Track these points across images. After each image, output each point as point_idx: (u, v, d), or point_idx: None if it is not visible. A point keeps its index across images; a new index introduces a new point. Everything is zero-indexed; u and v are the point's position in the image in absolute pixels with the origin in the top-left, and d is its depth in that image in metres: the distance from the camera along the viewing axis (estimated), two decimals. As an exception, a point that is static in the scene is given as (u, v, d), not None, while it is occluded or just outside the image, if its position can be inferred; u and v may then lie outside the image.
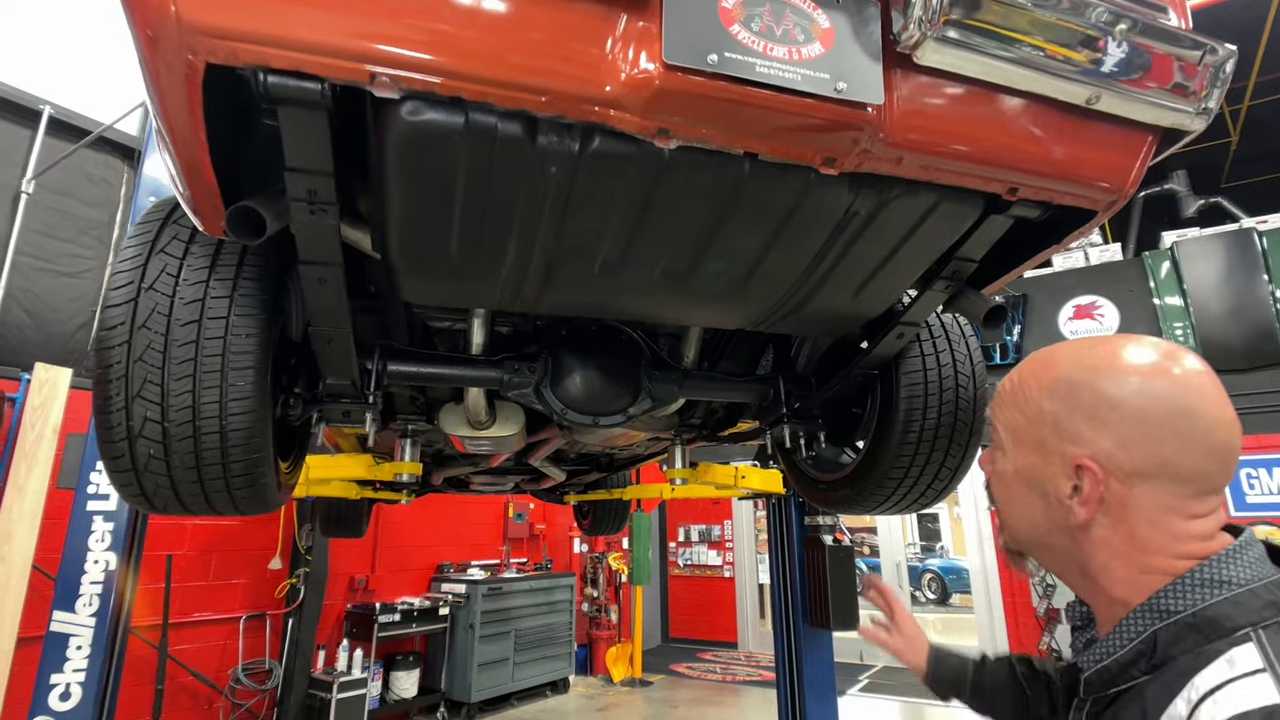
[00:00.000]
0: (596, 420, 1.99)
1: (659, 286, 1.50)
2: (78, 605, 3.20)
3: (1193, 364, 0.78)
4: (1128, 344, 0.81)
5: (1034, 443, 0.83)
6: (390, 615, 6.49)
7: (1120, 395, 0.77)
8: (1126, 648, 0.75)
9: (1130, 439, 0.75)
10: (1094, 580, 0.81)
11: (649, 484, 4.45)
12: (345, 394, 1.69)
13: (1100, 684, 0.78)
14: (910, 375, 1.98)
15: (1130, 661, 0.74)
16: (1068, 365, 0.83)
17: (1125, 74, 1.21)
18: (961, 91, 1.18)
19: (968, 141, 1.21)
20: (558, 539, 9.43)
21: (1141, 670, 0.73)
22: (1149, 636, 0.73)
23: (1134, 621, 0.75)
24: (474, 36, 0.95)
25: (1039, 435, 0.83)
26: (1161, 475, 0.75)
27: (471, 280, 1.43)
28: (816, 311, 1.68)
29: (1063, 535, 0.82)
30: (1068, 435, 0.79)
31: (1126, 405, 0.76)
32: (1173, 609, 0.73)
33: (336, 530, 4.66)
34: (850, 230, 1.38)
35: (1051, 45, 1.13)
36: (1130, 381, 0.77)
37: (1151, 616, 0.74)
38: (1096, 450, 0.77)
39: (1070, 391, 0.81)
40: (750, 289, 1.54)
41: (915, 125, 1.15)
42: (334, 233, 1.23)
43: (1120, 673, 0.75)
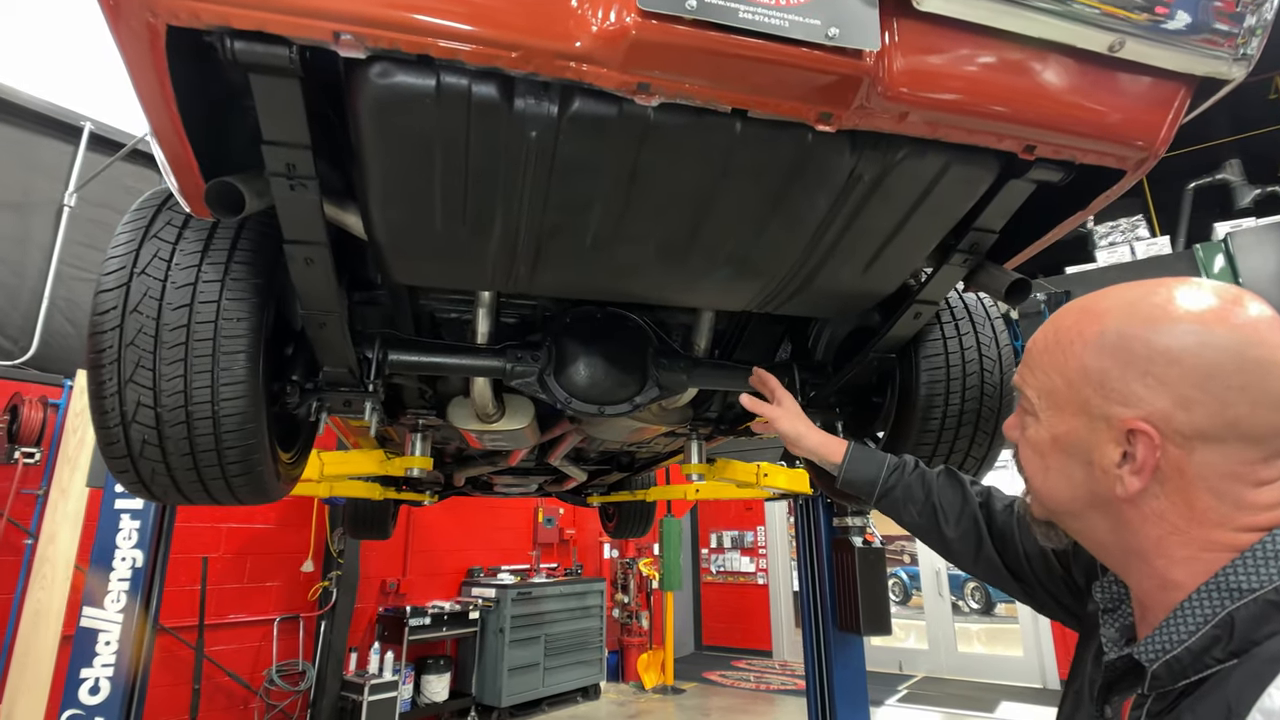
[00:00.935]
0: (602, 409, 1.93)
1: (656, 262, 1.44)
2: (106, 601, 3.28)
3: (1260, 309, 0.68)
4: (1185, 288, 0.71)
5: (1075, 406, 0.73)
6: (421, 619, 6.52)
7: (1180, 347, 0.67)
8: (1199, 633, 0.65)
9: (1191, 397, 0.65)
10: (1143, 559, 0.71)
11: (674, 485, 4.37)
12: (343, 382, 1.67)
13: (1168, 676, 0.67)
14: (930, 360, 1.88)
15: (1204, 649, 0.64)
16: (1117, 315, 0.72)
17: (1150, 17, 1.11)
18: (967, 39, 1.10)
19: (976, 95, 1.12)
20: (588, 544, 9.39)
21: (1217, 657, 0.64)
22: (1225, 619, 0.63)
23: (1200, 603, 0.65)
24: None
25: (1081, 397, 0.72)
26: (1228, 437, 0.65)
27: (460, 259, 1.40)
28: (824, 289, 1.60)
29: (1106, 509, 0.72)
30: (1117, 396, 0.69)
31: (1187, 358, 0.66)
32: (1246, 586, 0.63)
33: (363, 531, 4.69)
34: (855, 197, 1.31)
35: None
36: (1190, 331, 0.67)
37: (1221, 596, 0.64)
38: (1151, 411, 0.67)
39: (1120, 345, 0.70)
40: (752, 264, 1.47)
41: (917, 77, 1.08)
42: (316, 209, 1.20)
43: (1193, 662, 0.65)
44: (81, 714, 3.10)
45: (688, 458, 2.73)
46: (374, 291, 1.97)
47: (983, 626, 13.25)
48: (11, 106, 4.55)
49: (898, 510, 1.31)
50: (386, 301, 1.97)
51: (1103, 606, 0.83)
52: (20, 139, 4.66)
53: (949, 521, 1.22)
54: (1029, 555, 1.10)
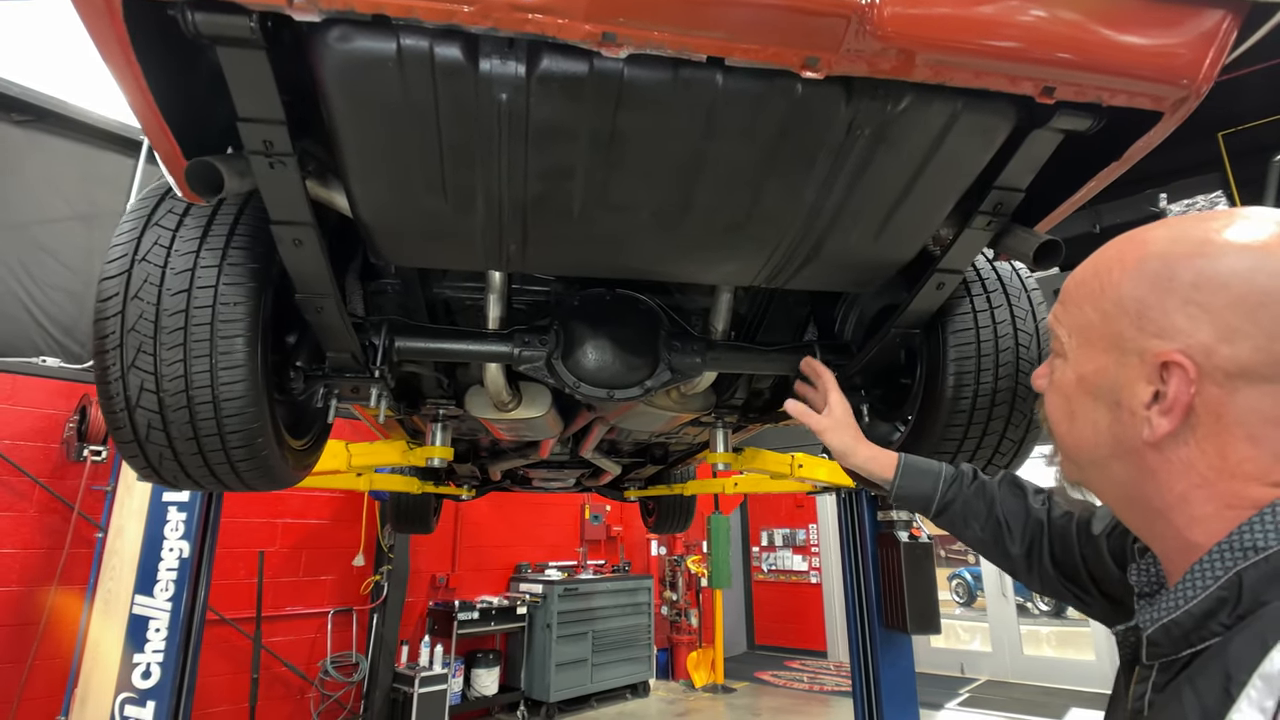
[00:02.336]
0: (611, 394, 1.88)
1: (650, 233, 1.39)
2: (155, 590, 3.45)
3: None
4: (1242, 215, 0.64)
5: (1108, 340, 0.66)
6: (469, 613, 6.62)
7: (1229, 272, 0.59)
8: (1201, 595, 0.57)
9: (1238, 329, 0.58)
10: (1164, 517, 0.63)
11: (710, 479, 4.29)
12: (348, 368, 1.68)
13: (1169, 643, 0.60)
14: (959, 335, 1.76)
15: (1208, 612, 0.57)
16: (1163, 241, 0.65)
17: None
18: (966, -34, 1.00)
19: (980, 30, 1.02)
20: (635, 541, 9.37)
21: (1223, 623, 0.56)
22: (1232, 579, 0.56)
23: (1211, 564, 0.58)
24: (380, -61, 0.88)
25: (1115, 330, 0.65)
26: (1276, 377, 0.57)
27: (447, 237, 1.37)
28: (835, 258, 1.51)
29: (1129, 458, 0.64)
30: (1154, 327, 0.62)
31: (1236, 284, 0.58)
32: (1261, 545, 0.55)
33: (406, 525, 4.78)
34: (856, 153, 1.22)
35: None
36: (1242, 257, 0.59)
37: (1234, 555, 0.56)
38: (1191, 343, 0.59)
39: (1164, 270, 0.63)
40: (753, 231, 1.39)
41: (910, 12, 0.99)
42: (298, 188, 1.19)
43: (1195, 628, 0.58)
44: (135, 697, 3.27)
45: (713, 446, 2.66)
46: (386, 279, 1.98)
47: (1053, 629, 12.64)
48: (76, 124, 4.85)
49: (958, 527, 1.21)
50: (399, 288, 1.97)
51: (1138, 590, 0.74)
52: (84, 153, 4.96)
53: (1014, 537, 1.12)
54: (1087, 560, 1.00)
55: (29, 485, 4.57)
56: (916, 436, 1.86)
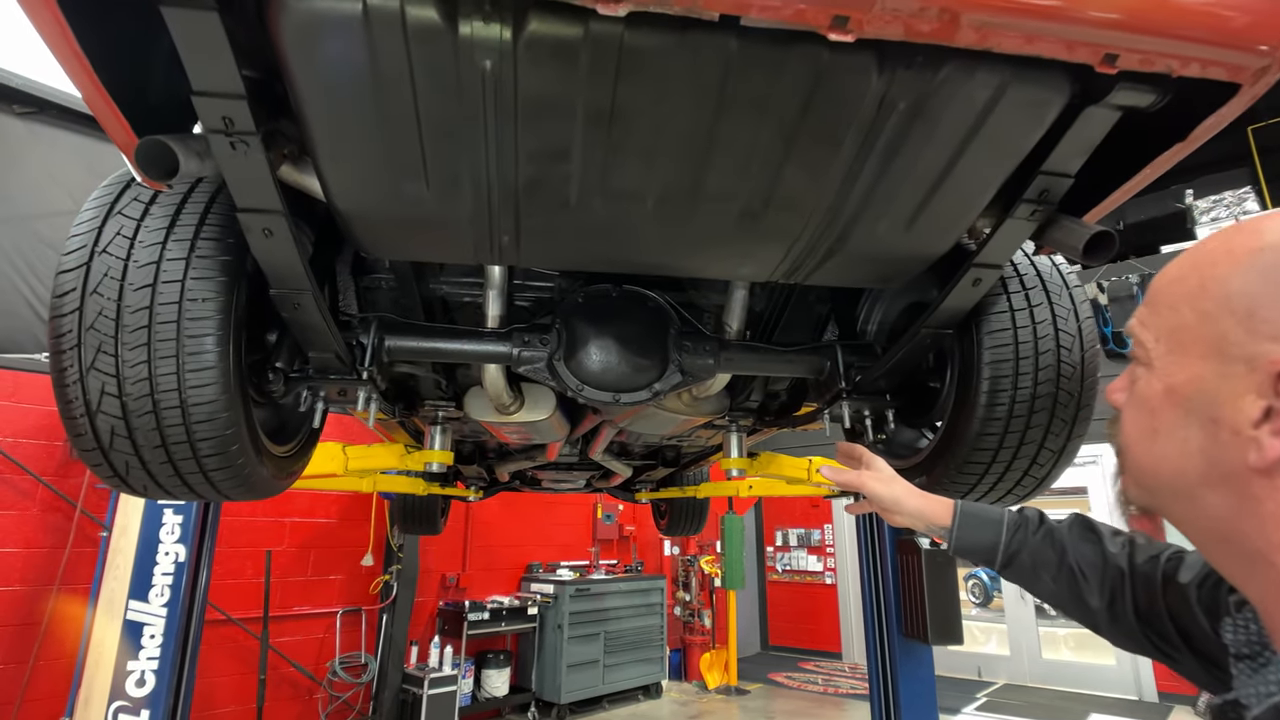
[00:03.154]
0: (617, 397, 1.76)
1: (656, 225, 1.26)
2: (150, 595, 3.36)
3: None
4: None
5: (1206, 344, 0.56)
6: (480, 614, 6.54)
7: None
8: None
9: None
10: (1267, 560, 0.52)
11: (723, 482, 4.16)
12: (333, 369, 1.56)
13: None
14: (995, 336, 1.61)
15: None
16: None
17: None
18: (1021, -92, 0.86)
19: (1034, -16, 0.88)
20: (648, 541, 9.26)
21: None
22: None
23: None
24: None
25: (1217, 332, 0.55)
26: None
27: (431, 227, 1.25)
28: (861, 250, 1.37)
29: (1226, 486, 0.54)
30: (1268, 329, 0.51)
31: None
32: None
33: (413, 526, 4.69)
34: (889, 131, 1.09)
35: None
36: None
37: None
38: None
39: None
40: (770, 221, 1.26)
41: (955, -39, 0.85)
42: (265, 171, 1.08)
43: None
44: (129, 705, 3.19)
45: (726, 451, 2.53)
46: (380, 274, 1.86)
47: (1071, 632, 12.38)
48: (79, 115, 4.78)
49: (1026, 578, 1.07)
50: (393, 284, 1.86)
51: (1234, 651, 0.62)
52: (88, 146, 4.90)
53: (1091, 587, 0.98)
54: (1173, 613, 0.86)
55: (31, 483, 4.52)
56: (947, 445, 1.71)
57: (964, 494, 1.77)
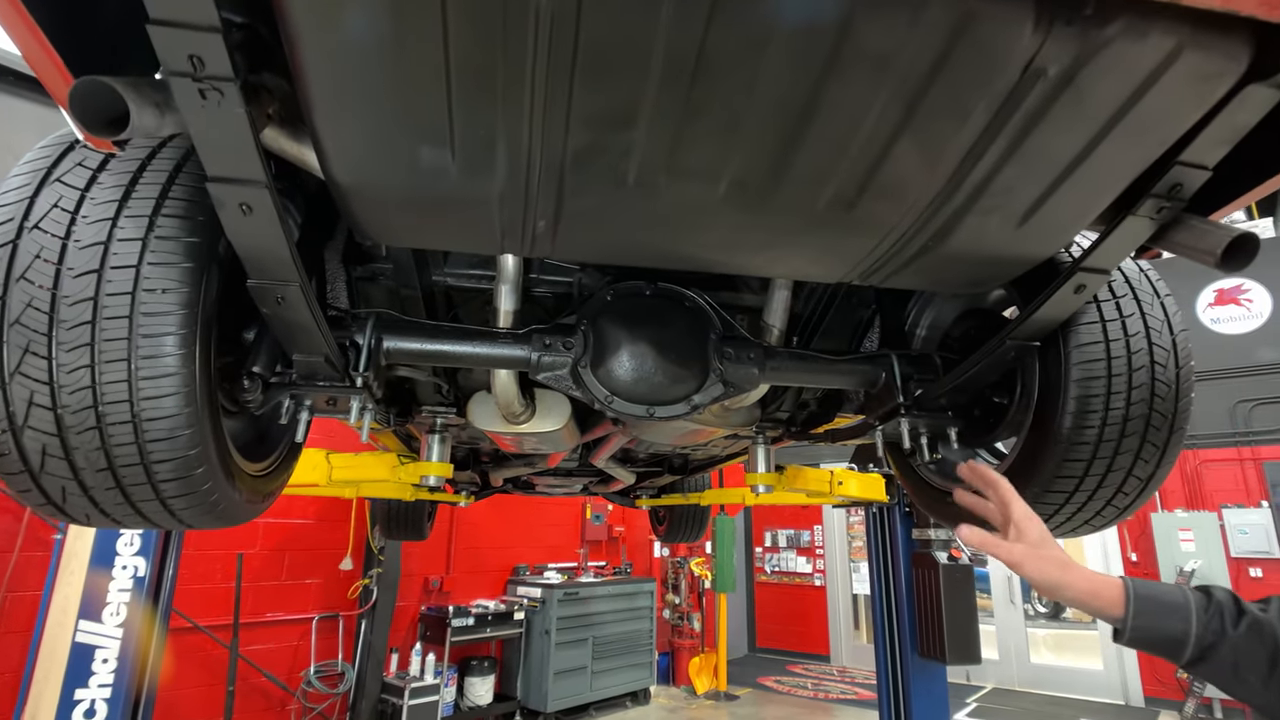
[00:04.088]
0: (651, 411, 1.54)
1: (726, 212, 1.04)
2: (104, 615, 3.04)
3: None
4: None
5: None
6: (464, 619, 6.29)
7: None
8: None
9: None
10: None
11: (730, 488, 3.95)
12: (321, 375, 1.32)
13: None
14: (1085, 350, 1.42)
15: None
16: None
17: None
18: None
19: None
20: (638, 542, 9.06)
21: None
22: None
23: None
24: None
25: None
26: None
27: (452, 207, 1.02)
28: (960, 250, 1.17)
29: None
30: None
31: None
32: None
33: (397, 533, 4.44)
34: (1029, 104, 0.88)
35: None
36: None
37: None
38: None
39: None
40: (864, 212, 1.05)
41: None
42: (243, 128, 0.83)
43: None
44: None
45: (752, 465, 2.32)
46: (376, 263, 1.63)
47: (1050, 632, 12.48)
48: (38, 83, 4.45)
49: (1226, 680, 0.88)
50: (392, 276, 1.63)
51: None
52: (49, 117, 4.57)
53: None
54: None
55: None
56: (1021, 474, 1.52)
57: (1040, 525, 1.57)
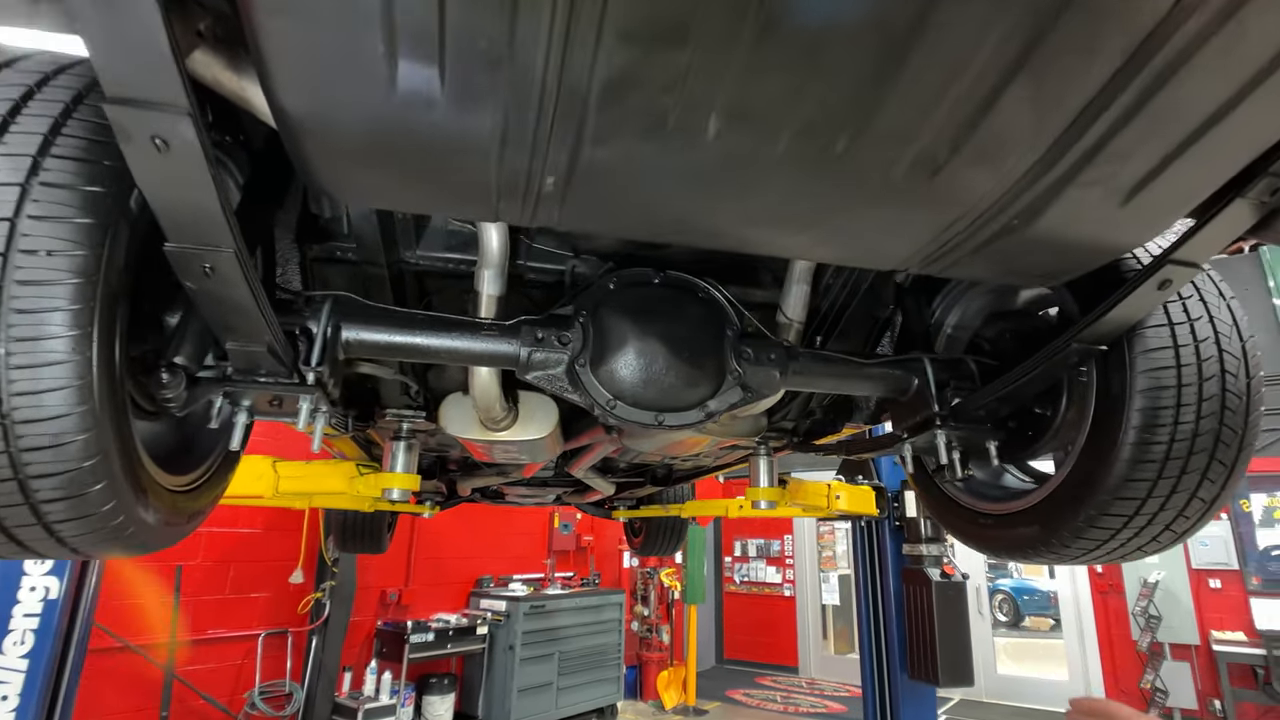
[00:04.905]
0: (660, 419, 1.33)
1: (783, 170, 0.83)
2: (5, 644, 2.62)
3: None
4: None
5: None
6: (423, 634, 5.96)
7: None
8: None
9: None
10: None
11: (712, 500, 3.76)
12: (262, 368, 1.07)
13: None
14: (1153, 356, 1.26)
15: None
16: None
17: None
18: None
19: None
20: (606, 551, 8.81)
21: None
22: None
23: None
24: None
25: None
26: None
27: (436, 152, 0.79)
28: (1047, 232, 0.99)
29: None
30: None
31: None
32: None
33: (354, 545, 4.12)
34: (1176, 42, 0.70)
35: None
36: None
37: None
38: None
39: None
40: (950, 178, 0.85)
41: None
42: (153, 27, 0.60)
43: None
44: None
45: (754, 479, 2.12)
46: (335, 242, 1.38)
47: (1010, 640, 12.64)
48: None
49: None
50: (354, 256, 1.39)
51: None
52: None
53: None
54: None
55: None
56: (1080, 489, 1.34)
57: (1090, 552, 1.41)
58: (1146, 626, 6.78)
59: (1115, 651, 7.15)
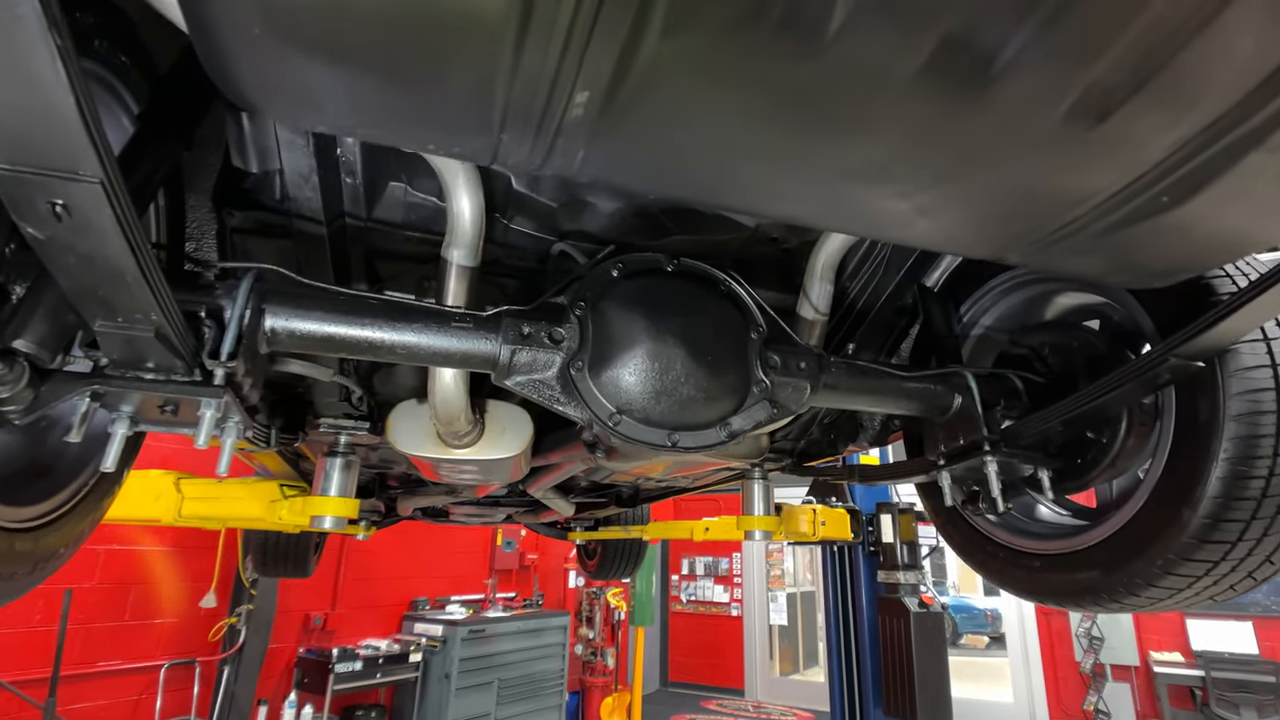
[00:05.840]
0: (674, 439, 1.07)
1: (912, 103, 0.60)
2: None
3: None
4: None
5: None
6: (350, 663, 5.48)
7: None
8: None
9: None
10: None
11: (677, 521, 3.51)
12: (150, 360, 0.77)
13: None
14: (1248, 376, 1.10)
15: None
16: None
17: None
18: None
19: None
20: (551, 570, 8.42)
21: None
22: None
23: None
24: None
25: None
26: None
27: (417, 37, 0.52)
28: (1196, 216, 0.78)
29: None
30: None
31: None
32: None
33: (275, 569, 3.68)
34: None
35: None
36: None
37: None
38: None
39: None
40: (1117, 129, 0.64)
41: None
42: None
43: None
44: None
45: (747, 506, 1.88)
46: (267, 208, 1.09)
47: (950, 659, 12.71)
48: None
49: None
50: (288, 220, 1.09)
51: None
52: None
53: None
54: None
55: None
56: (1146, 537, 1.16)
57: (1159, 601, 1.22)
58: (1090, 647, 6.87)
59: (1059, 673, 7.22)
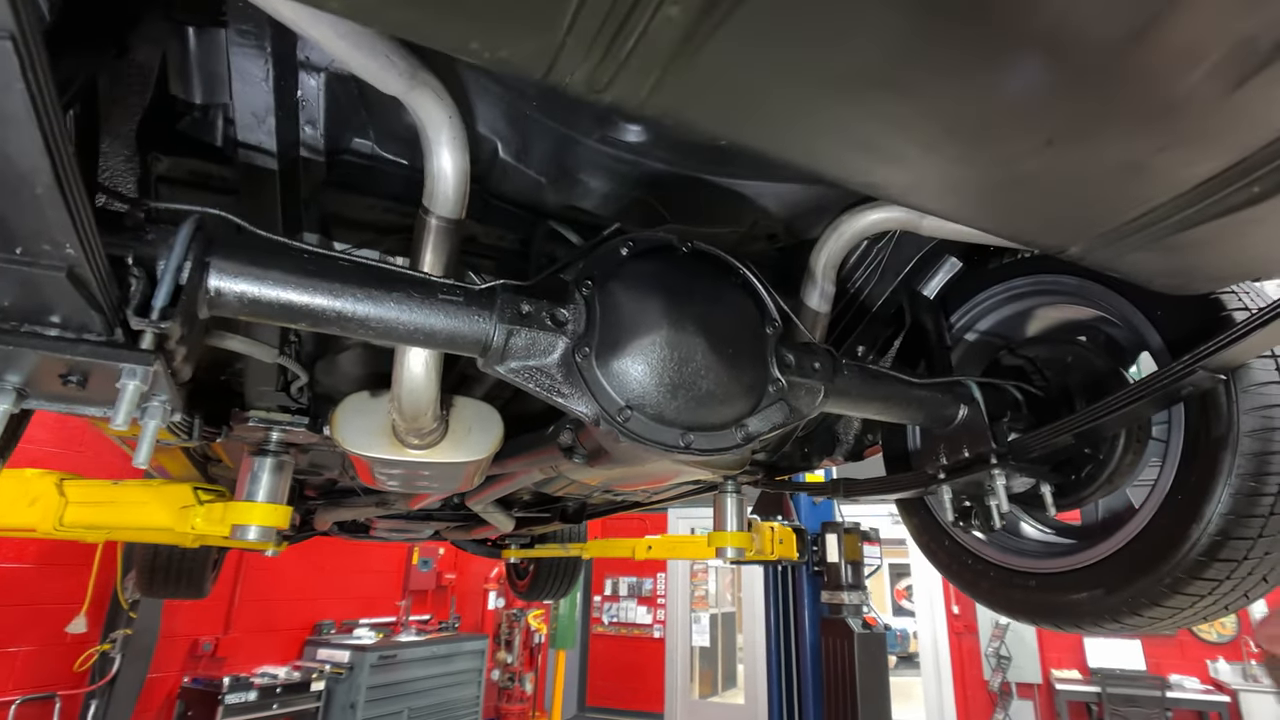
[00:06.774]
0: (688, 440, 0.95)
1: (1051, 45, 0.51)
2: None
3: None
4: None
5: None
6: (243, 693, 4.97)
7: None
8: None
9: None
10: None
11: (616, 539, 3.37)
12: (56, 312, 0.58)
13: None
14: (1263, 391, 1.09)
15: None
16: None
17: None
18: None
19: None
20: (469, 590, 8.03)
21: None
22: None
23: None
24: None
25: None
26: None
27: None
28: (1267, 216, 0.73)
29: None
30: None
31: None
32: None
33: (165, 589, 3.25)
34: None
35: None
36: None
37: None
38: None
39: None
40: (1255, 96, 0.57)
41: None
42: None
43: None
44: None
45: (720, 522, 1.77)
46: (196, 159, 0.90)
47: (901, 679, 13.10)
48: None
49: None
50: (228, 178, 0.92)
51: None
52: None
53: None
54: None
55: None
56: (1151, 555, 1.12)
57: (1160, 621, 1.19)
58: (998, 666, 7.14)
59: (968, 692, 7.47)
